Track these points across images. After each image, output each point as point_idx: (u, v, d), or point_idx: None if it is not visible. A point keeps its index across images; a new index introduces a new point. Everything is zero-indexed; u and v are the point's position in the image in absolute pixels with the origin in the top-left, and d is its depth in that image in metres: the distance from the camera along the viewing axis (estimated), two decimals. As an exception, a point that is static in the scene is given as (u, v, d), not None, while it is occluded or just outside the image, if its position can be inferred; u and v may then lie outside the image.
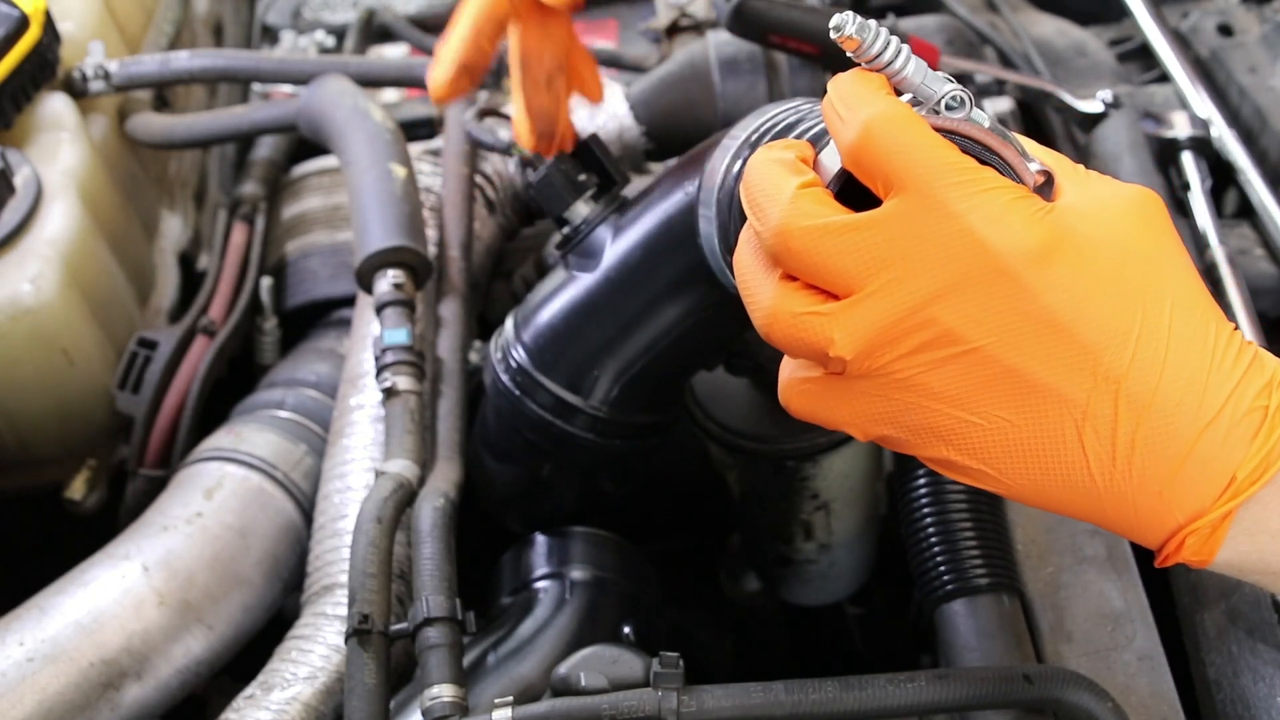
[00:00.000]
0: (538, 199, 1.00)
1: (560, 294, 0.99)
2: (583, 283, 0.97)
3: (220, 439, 1.21)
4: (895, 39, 0.63)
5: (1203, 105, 1.43)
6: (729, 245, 0.80)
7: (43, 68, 1.28)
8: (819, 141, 0.70)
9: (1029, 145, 0.66)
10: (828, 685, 0.82)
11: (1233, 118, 1.42)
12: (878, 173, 0.62)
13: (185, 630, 1.07)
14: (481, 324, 1.32)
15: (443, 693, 0.86)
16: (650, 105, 1.38)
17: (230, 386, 1.34)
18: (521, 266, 1.39)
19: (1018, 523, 1.05)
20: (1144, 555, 1.04)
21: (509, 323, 1.04)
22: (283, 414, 1.24)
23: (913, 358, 0.61)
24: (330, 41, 1.73)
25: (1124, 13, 1.64)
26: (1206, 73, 1.50)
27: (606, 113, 1.42)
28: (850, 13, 0.62)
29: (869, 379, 0.63)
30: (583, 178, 0.99)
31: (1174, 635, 1.02)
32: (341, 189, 1.42)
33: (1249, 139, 1.40)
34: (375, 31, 1.74)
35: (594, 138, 1.02)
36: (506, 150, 0.96)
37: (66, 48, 1.33)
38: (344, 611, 1.02)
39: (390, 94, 1.59)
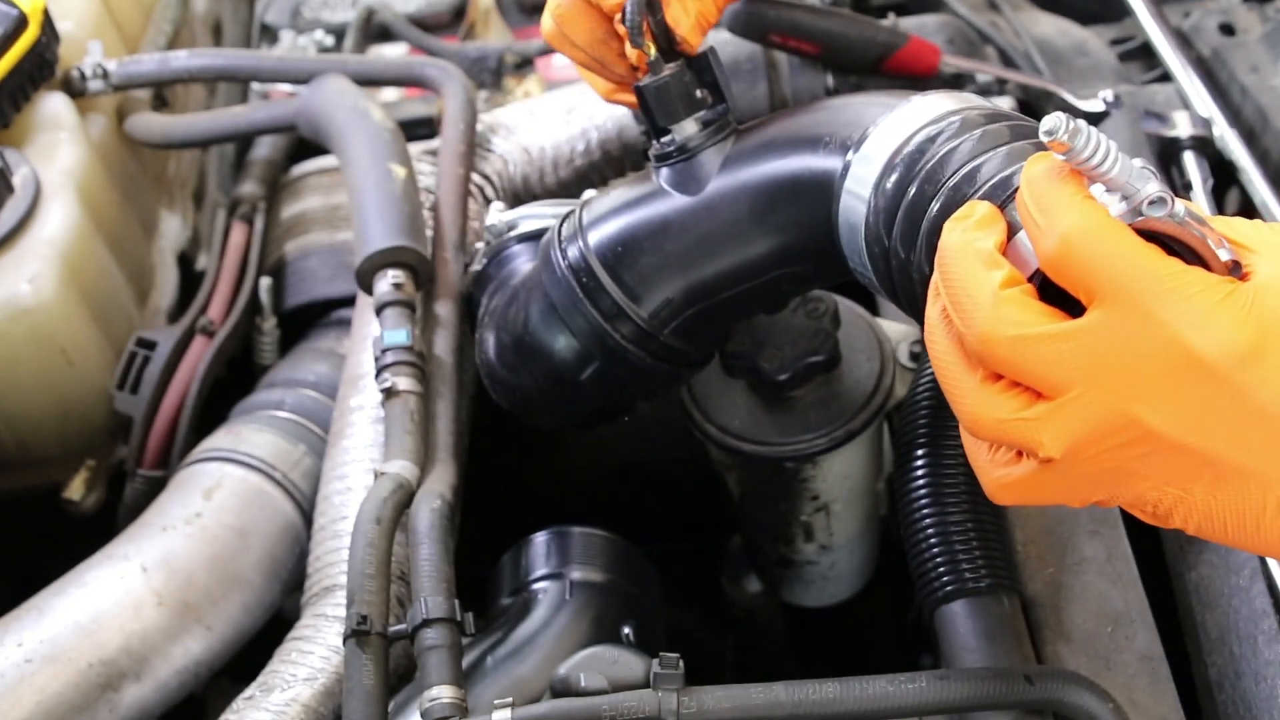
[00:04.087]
0: (648, 104, 0.96)
1: (648, 206, 0.97)
2: (678, 203, 0.95)
3: (219, 439, 1.21)
4: (1104, 138, 0.63)
5: (1204, 105, 1.42)
6: (879, 233, 0.81)
7: (41, 67, 1.28)
8: (998, 196, 0.71)
9: (1217, 221, 0.67)
10: (828, 686, 0.82)
11: (1234, 117, 1.42)
12: (1079, 283, 0.64)
13: (184, 631, 1.07)
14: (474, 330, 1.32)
15: (442, 694, 0.86)
16: (650, 105, 1.38)
17: (229, 387, 1.33)
18: (521, 266, 1.39)
19: (1018, 524, 1.05)
20: (1144, 556, 1.04)
21: (574, 218, 1.02)
22: (282, 414, 1.24)
23: (1118, 451, 0.64)
24: (329, 41, 1.73)
25: (1125, 12, 1.64)
26: (1208, 72, 1.50)
27: (606, 112, 1.42)
28: (1062, 115, 0.63)
29: (1073, 466, 0.65)
30: (699, 94, 0.96)
31: (1175, 636, 1.01)
32: (341, 189, 1.42)
33: (1251, 138, 1.40)
34: (374, 31, 1.74)
35: (713, 51, 0.98)
36: (639, 44, 0.93)
37: (65, 47, 1.33)
38: (344, 613, 1.02)
39: (390, 93, 1.59)
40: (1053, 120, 0.63)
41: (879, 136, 0.82)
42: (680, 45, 0.96)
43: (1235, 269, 0.65)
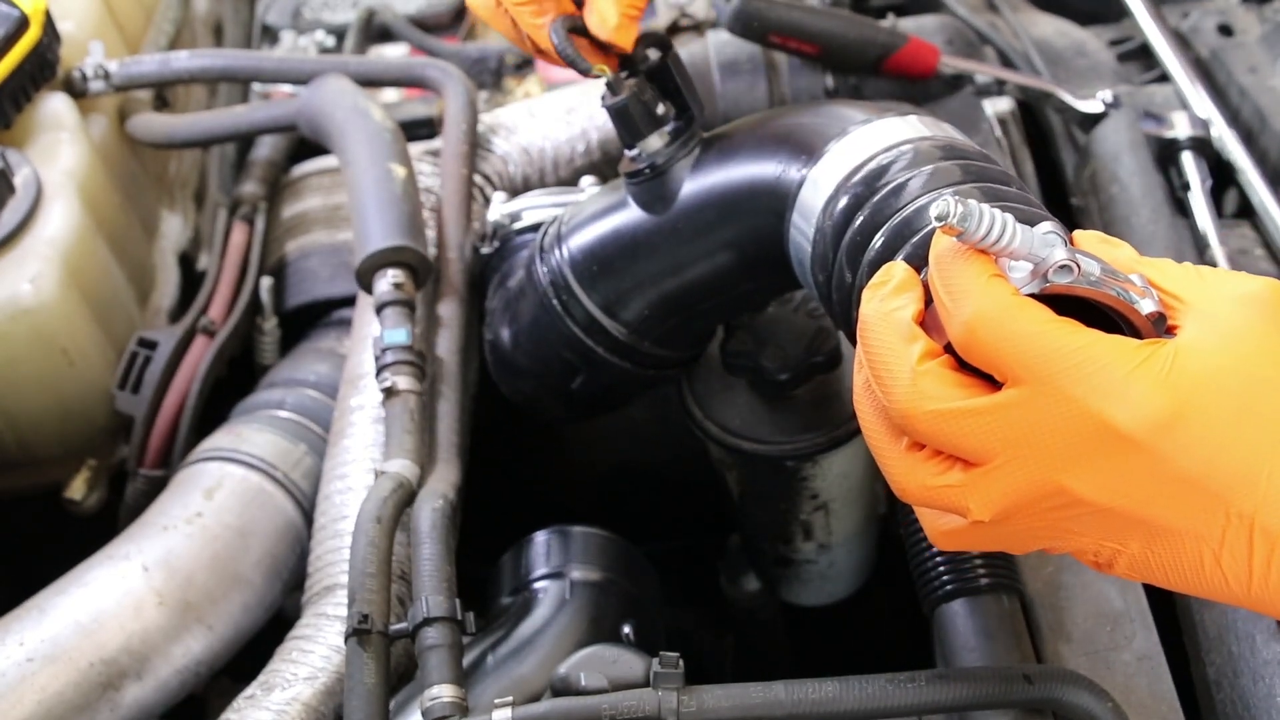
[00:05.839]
0: (613, 124, 0.96)
1: (619, 226, 0.98)
2: (647, 224, 0.96)
3: (220, 439, 1.21)
4: (997, 213, 0.63)
5: (1203, 105, 1.43)
6: (825, 267, 0.81)
7: (43, 68, 1.28)
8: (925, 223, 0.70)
9: (1150, 266, 0.67)
10: (827, 685, 0.82)
11: (1233, 118, 1.42)
12: (989, 366, 0.64)
13: (185, 630, 1.07)
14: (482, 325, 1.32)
15: (442, 693, 0.86)
16: (650, 105, 1.38)
17: (230, 386, 1.34)
18: (521, 266, 1.39)
19: (1017, 523, 1.05)
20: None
21: (555, 231, 1.03)
22: (283, 414, 1.24)
23: (1049, 514, 0.65)
24: (330, 41, 1.73)
25: (1124, 13, 1.64)
26: (1206, 73, 1.50)
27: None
28: (950, 199, 0.62)
29: (1006, 526, 0.66)
30: (660, 109, 0.95)
31: (1174, 636, 1.02)
32: (341, 189, 1.42)
33: (1249, 139, 1.40)
34: (375, 31, 1.74)
35: (674, 57, 0.96)
36: (586, 70, 0.92)
37: (66, 48, 1.33)
38: (345, 612, 1.02)
39: (390, 94, 1.59)
40: (941, 205, 0.62)
41: (834, 157, 0.83)
42: (614, 48, 0.93)
43: (1160, 321, 0.65)
